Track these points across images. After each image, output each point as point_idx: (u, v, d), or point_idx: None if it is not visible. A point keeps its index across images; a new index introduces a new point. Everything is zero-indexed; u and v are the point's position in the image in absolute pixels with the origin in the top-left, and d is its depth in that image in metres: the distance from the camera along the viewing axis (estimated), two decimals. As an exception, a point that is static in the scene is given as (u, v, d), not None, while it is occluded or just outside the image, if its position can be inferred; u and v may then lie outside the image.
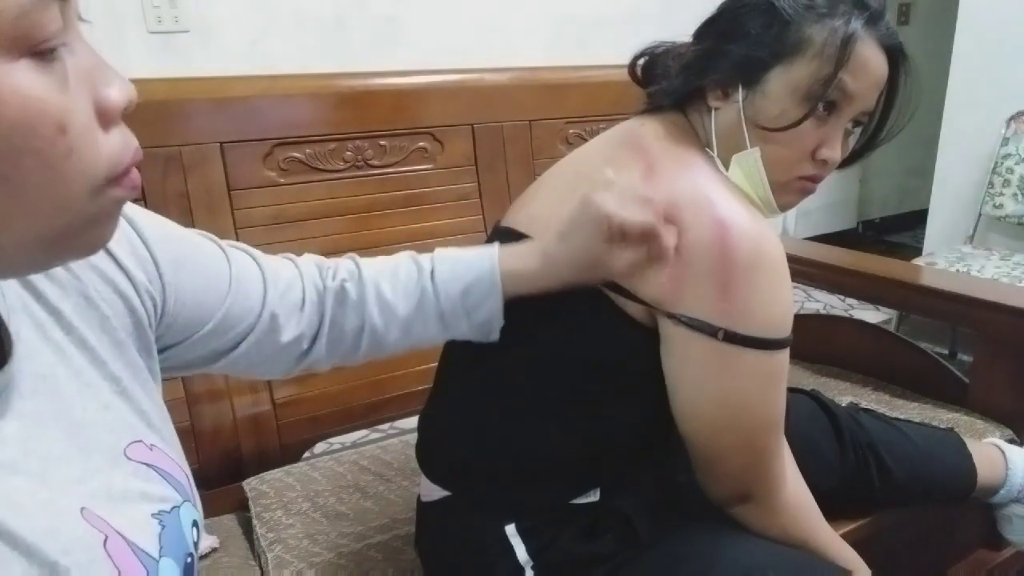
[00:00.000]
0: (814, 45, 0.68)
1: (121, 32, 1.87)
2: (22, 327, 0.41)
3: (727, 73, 0.71)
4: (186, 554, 0.45)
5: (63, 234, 0.35)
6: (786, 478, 0.74)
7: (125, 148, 0.36)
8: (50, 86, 0.32)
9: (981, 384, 1.24)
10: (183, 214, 1.10)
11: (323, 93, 1.25)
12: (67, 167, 0.33)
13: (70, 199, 0.34)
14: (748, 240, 0.65)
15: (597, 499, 0.75)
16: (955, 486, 1.02)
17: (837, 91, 0.69)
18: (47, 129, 0.32)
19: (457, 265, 0.70)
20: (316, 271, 0.70)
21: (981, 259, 2.31)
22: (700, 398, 0.70)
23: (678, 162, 0.71)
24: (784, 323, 0.68)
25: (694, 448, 0.73)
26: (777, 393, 0.70)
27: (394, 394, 1.32)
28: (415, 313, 0.70)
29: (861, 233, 4.13)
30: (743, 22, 0.71)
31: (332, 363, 0.71)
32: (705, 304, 0.65)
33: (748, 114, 0.71)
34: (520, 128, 1.42)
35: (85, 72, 0.34)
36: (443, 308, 0.69)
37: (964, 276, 2.05)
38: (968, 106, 2.47)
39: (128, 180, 0.36)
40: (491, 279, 0.69)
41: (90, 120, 0.34)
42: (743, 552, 0.72)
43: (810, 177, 0.73)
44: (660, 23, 2.89)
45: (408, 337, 0.71)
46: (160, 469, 0.46)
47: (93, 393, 0.44)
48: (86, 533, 0.38)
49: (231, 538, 1.03)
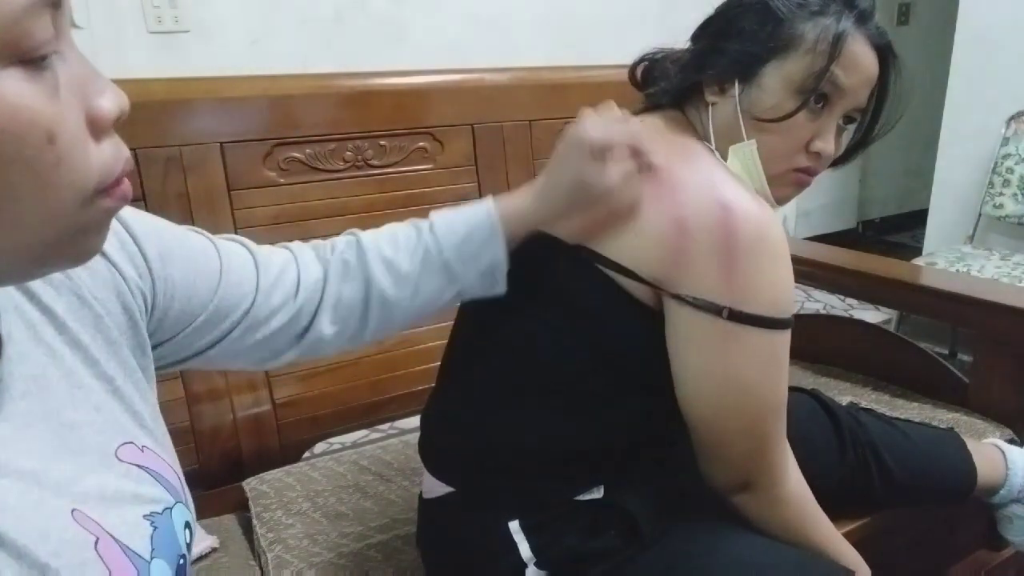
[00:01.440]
0: (807, 41, 0.71)
1: (121, 32, 1.87)
2: (13, 328, 0.41)
3: (724, 69, 0.74)
4: (178, 556, 0.45)
5: (52, 245, 0.34)
6: (788, 470, 0.75)
7: (116, 158, 0.36)
8: (40, 95, 0.31)
9: (981, 384, 1.24)
10: (183, 214, 1.10)
11: (323, 93, 1.25)
12: (56, 177, 0.33)
13: (59, 209, 0.33)
14: (751, 221, 0.66)
15: (601, 496, 0.75)
16: (955, 486, 1.02)
17: (829, 85, 0.71)
18: (36, 138, 0.31)
19: (455, 216, 0.70)
20: (312, 252, 0.70)
21: (981, 259, 2.31)
22: (705, 379, 0.70)
23: (680, 150, 0.73)
24: (787, 303, 0.69)
25: (697, 433, 0.73)
26: (780, 375, 0.71)
27: (394, 394, 1.32)
28: (420, 268, 0.69)
29: (861, 233, 4.13)
30: (738, 21, 0.74)
31: (340, 344, 0.70)
32: (709, 283, 0.66)
33: (744, 107, 0.73)
34: (520, 128, 1.42)
35: (77, 81, 0.34)
36: (447, 258, 0.69)
37: (964, 276, 2.05)
38: (968, 106, 2.47)
39: (119, 191, 0.36)
40: (490, 223, 0.69)
41: (80, 130, 0.34)
42: (745, 550, 0.73)
43: (804, 169, 0.75)
44: (660, 23, 2.89)
45: (416, 296, 0.70)
46: (151, 470, 0.46)
47: (84, 394, 0.44)
48: (77, 535, 0.38)
49: (231, 538, 1.03)
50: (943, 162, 2.59)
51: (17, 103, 0.31)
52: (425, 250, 0.69)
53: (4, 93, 0.30)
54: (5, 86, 0.30)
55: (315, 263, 0.69)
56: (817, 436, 0.96)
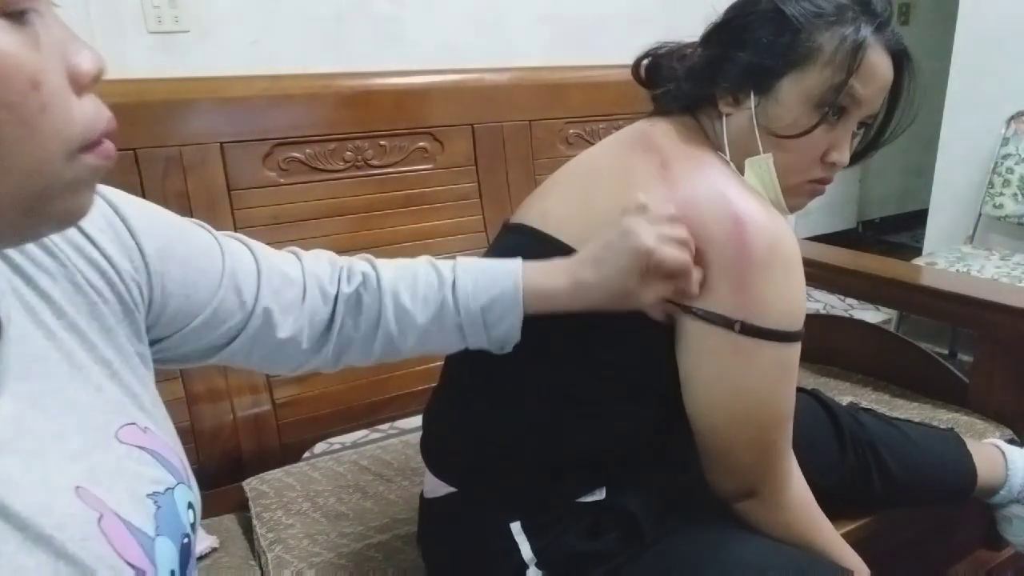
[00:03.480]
0: (825, 53, 0.69)
1: (121, 32, 1.87)
2: (12, 310, 0.41)
3: (739, 80, 0.72)
4: (182, 534, 0.45)
5: (40, 198, 0.35)
6: (792, 476, 0.75)
7: (98, 115, 0.37)
8: (22, 44, 0.33)
9: (981, 384, 1.24)
10: (183, 214, 1.07)
11: (323, 93, 1.25)
12: (42, 124, 0.34)
13: (45, 159, 0.34)
14: (764, 235, 0.66)
15: (603, 497, 0.75)
16: (955, 486, 1.02)
17: (847, 97, 0.70)
18: (20, 83, 0.32)
19: (480, 277, 0.68)
20: (328, 269, 0.67)
21: (981, 259, 2.31)
22: (716, 393, 0.70)
23: (692, 159, 0.72)
24: (799, 316, 0.69)
25: (705, 443, 0.73)
26: (790, 387, 0.71)
27: (394, 394, 1.32)
28: (433, 323, 0.68)
29: (861, 233, 4.13)
30: (753, 30, 0.71)
31: (341, 366, 0.70)
32: (722, 298, 0.66)
33: (760, 121, 0.72)
34: (520, 128, 1.42)
35: (56, 40, 0.35)
36: (463, 321, 0.68)
37: (964, 276, 2.05)
38: (968, 106, 2.46)
39: (102, 149, 0.37)
40: (514, 297, 0.67)
41: (63, 83, 0.35)
42: (746, 552, 0.72)
43: (820, 180, 0.75)
44: (661, 23, 2.89)
45: (424, 345, 0.69)
46: (154, 452, 0.46)
47: (84, 375, 0.44)
48: (80, 511, 0.39)
49: (231, 538, 1.03)
50: (943, 162, 2.58)
51: (3, 50, 0.32)
52: (442, 304, 0.68)
53: None
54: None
55: (328, 285, 0.66)
56: (817, 436, 0.96)
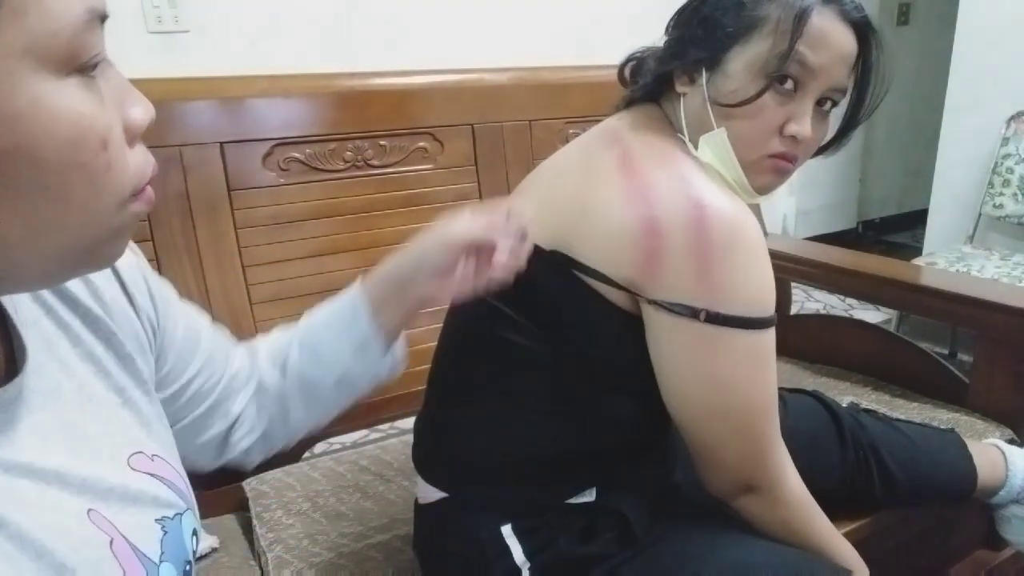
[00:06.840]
0: (770, 22, 0.69)
1: (121, 32, 1.87)
2: (30, 342, 0.42)
3: (690, 58, 0.73)
4: (185, 561, 0.46)
5: (88, 247, 0.36)
6: (787, 470, 0.74)
7: (146, 163, 0.38)
8: (95, 103, 0.33)
9: (981, 384, 1.24)
10: (183, 214, 1.10)
11: (323, 93, 1.25)
12: (106, 181, 0.34)
13: (101, 212, 0.35)
14: (724, 219, 0.65)
15: (593, 499, 0.75)
16: (955, 487, 1.02)
17: (796, 65, 0.69)
18: (93, 144, 0.33)
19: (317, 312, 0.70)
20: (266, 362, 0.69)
21: (981, 259, 2.31)
22: (688, 383, 0.69)
23: (652, 149, 0.72)
24: (766, 301, 0.68)
25: (690, 438, 0.73)
26: (765, 375, 0.70)
27: (394, 394, 1.32)
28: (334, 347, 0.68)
29: (861, 233, 4.12)
30: (703, 8, 0.73)
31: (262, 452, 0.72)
32: (685, 286, 0.65)
33: (711, 95, 0.71)
34: (520, 128, 1.42)
35: (115, 90, 0.35)
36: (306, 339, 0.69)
37: (964, 276, 2.04)
38: (968, 106, 2.46)
39: (146, 195, 0.38)
40: (351, 305, 0.68)
41: (122, 136, 0.35)
42: (742, 551, 0.72)
43: (781, 155, 0.72)
44: (660, 23, 2.87)
45: (344, 376, 0.69)
46: (162, 478, 0.47)
47: (95, 408, 0.45)
48: (93, 534, 0.39)
49: (231, 538, 1.03)
50: (943, 162, 2.58)
51: (80, 111, 0.32)
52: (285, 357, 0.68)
53: (68, 102, 0.32)
54: (68, 95, 0.32)
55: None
56: (819, 436, 0.96)
